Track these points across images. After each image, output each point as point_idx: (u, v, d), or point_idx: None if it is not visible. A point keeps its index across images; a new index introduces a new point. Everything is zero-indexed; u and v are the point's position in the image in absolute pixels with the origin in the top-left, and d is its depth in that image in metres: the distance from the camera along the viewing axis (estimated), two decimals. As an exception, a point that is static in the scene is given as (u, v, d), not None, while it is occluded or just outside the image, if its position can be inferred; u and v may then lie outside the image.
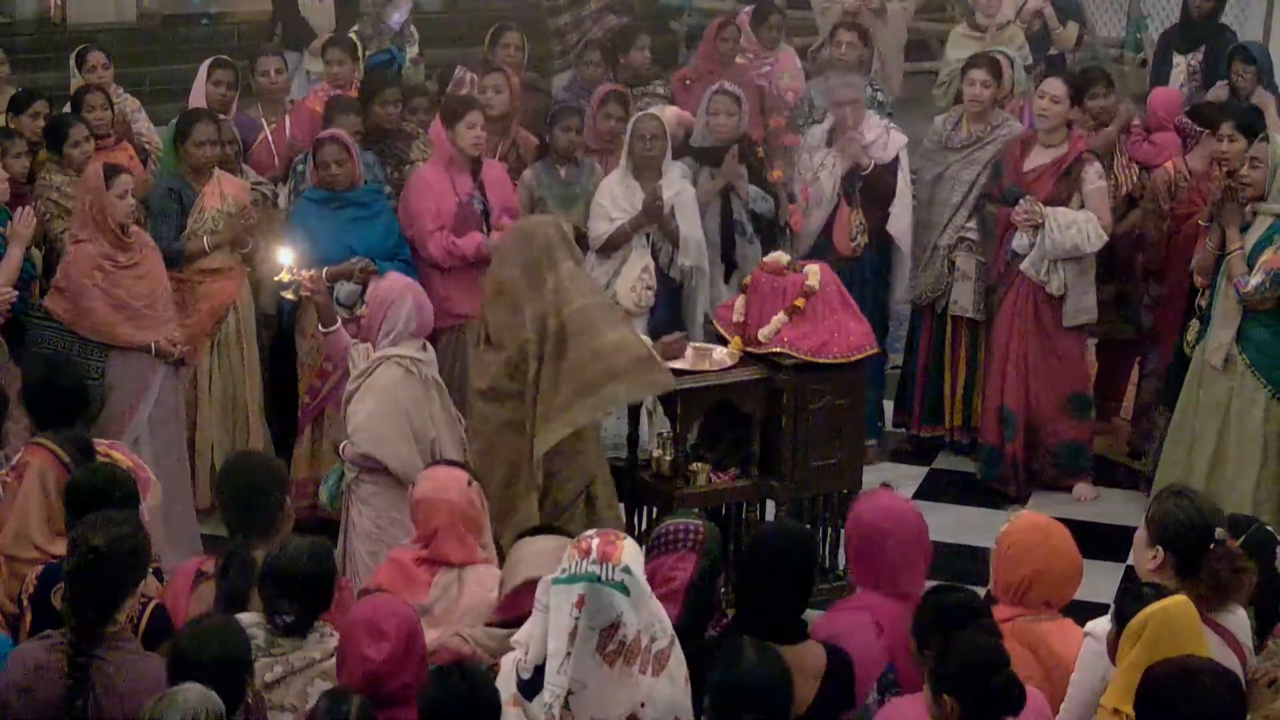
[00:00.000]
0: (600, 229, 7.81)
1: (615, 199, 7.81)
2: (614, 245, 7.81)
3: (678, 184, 7.84)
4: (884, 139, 8.12)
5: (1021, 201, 7.65)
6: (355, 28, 9.98)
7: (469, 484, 5.04)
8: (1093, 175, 7.68)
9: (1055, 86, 7.75)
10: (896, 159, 8.14)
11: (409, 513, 5.58)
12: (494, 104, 8.22)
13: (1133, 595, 4.22)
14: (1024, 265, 7.69)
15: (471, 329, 7.66)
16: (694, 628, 4.33)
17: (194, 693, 3.80)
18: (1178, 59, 9.77)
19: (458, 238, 7.55)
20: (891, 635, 4.54)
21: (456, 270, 7.59)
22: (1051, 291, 7.69)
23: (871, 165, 8.07)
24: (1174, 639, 4.02)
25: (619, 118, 8.26)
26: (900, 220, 8.14)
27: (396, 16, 9.86)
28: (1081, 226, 7.59)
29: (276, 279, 6.32)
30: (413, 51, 10.07)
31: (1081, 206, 7.66)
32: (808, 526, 6.46)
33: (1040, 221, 7.60)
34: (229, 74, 8.49)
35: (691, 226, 7.85)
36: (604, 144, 8.26)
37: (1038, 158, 7.78)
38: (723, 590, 6.55)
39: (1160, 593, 4.19)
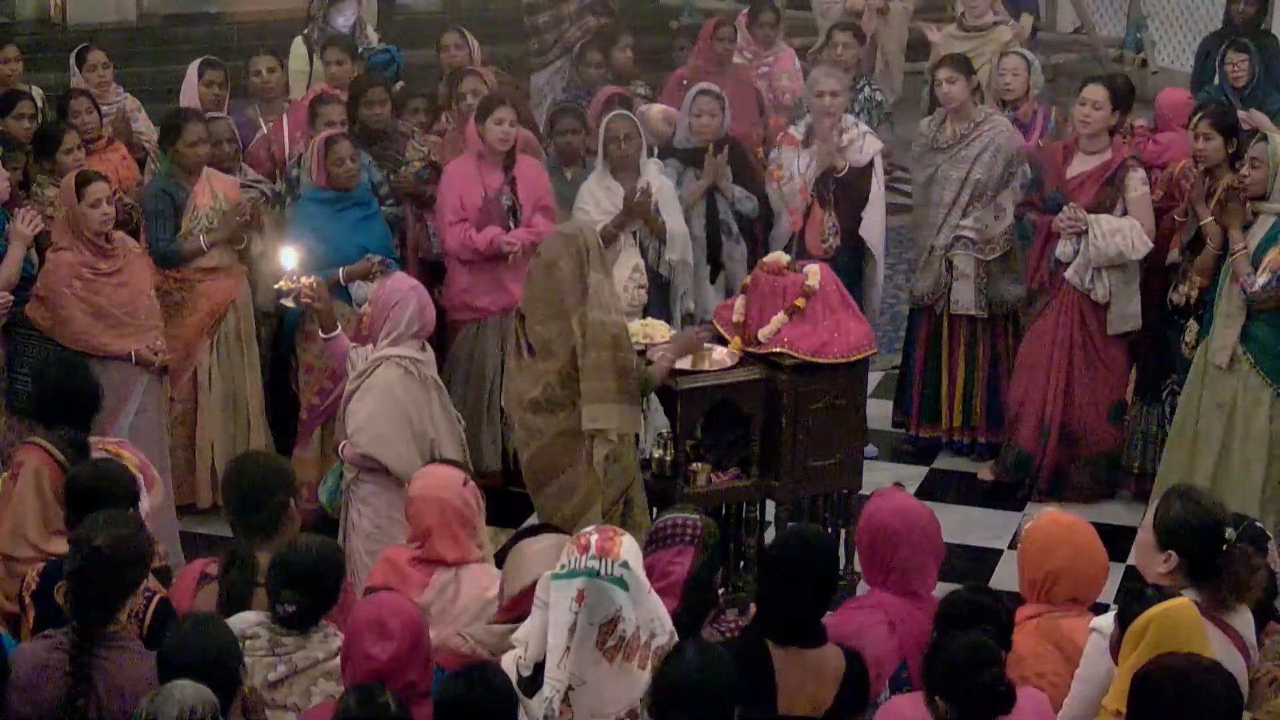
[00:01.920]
0: None
1: (598, 201, 7.80)
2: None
3: (656, 179, 7.83)
4: (860, 142, 8.10)
5: (1065, 208, 7.60)
6: (305, 30, 9.90)
7: (464, 484, 5.03)
8: (1136, 182, 7.58)
9: (1096, 93, 7.65)
10: (872, 163, 8.12)
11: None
12: (474, 106, 8.24)
13: (1135, 596, 4.22)
14: (1068, 273, 7.63)
15: (491, 324, 7.70)
16: (691, 622, 4.34)
17: (188, 689, 3.81)
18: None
19: (478, 231, 7.57)
20: (904, 634, 4.58)
21: (479, 264, 7.61)
22: (1096, 299, 7.62)
23: (846, 167, 8.05)
24: (1177, 641, 4.03)
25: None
26: (873, 225, 8.12)
27: (342, 20, 9.76)
28: (1126, 234, 7.50)
29: (277, 286, 6.31)
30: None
31: (1125, 213, 7.60)
32: (829, 531, 6.50)
33: (1084, 229, 7.55)
34: (219, 74, 8.49)
35: (675, 220, 7.85)
36: None
37: (1080, 164, 7.70)
38: (721, 590, 6.64)
39: (1163, 593, 4.20)
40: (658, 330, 6.76)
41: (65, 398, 5.59)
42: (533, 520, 6.20)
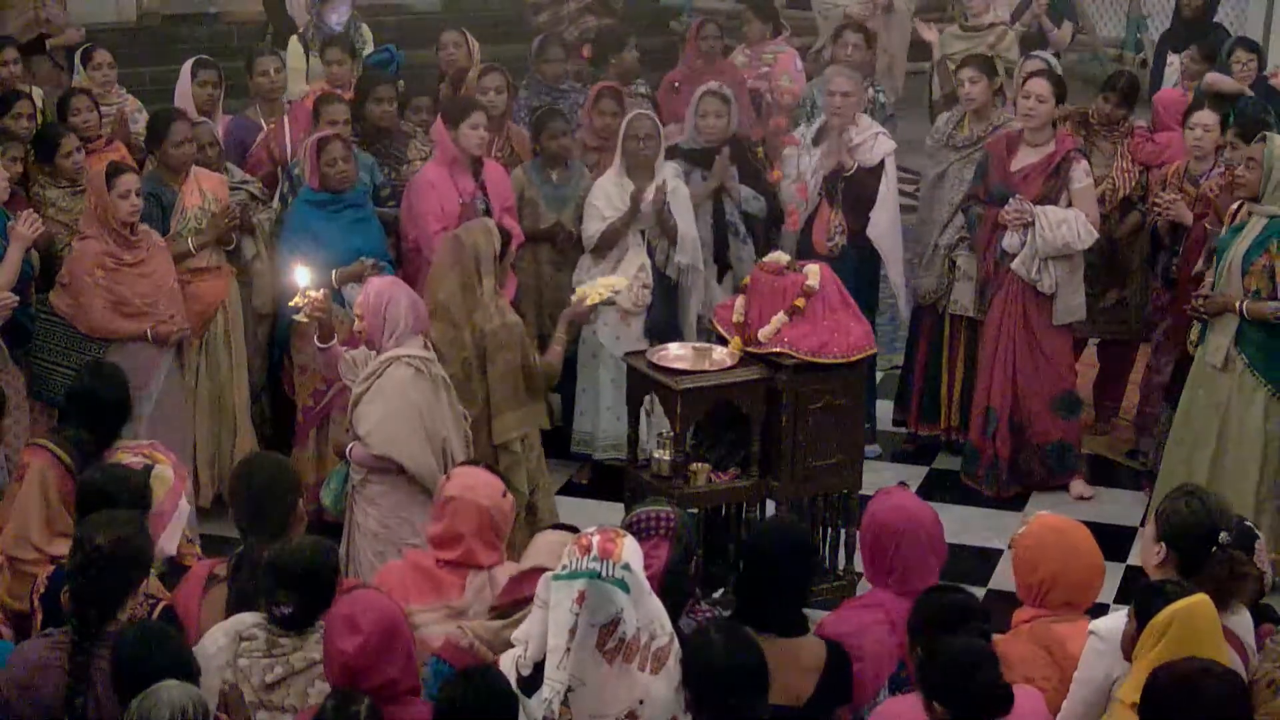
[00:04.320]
0: (593, 229, 7.84)
1: (609, 198, 7.84)
2: (608, 244, 7.84)
3: (671, 182, 7.86)
4: (871, 142, 8.09)
5: (1011, 200, 7.63)
6: (301, 30, 9.90)
7: (504, 494, 5.02)
8: (1080, 173, 7.65)
9: (1040, 86, 7.70)
10: (882, 164, 8.09)
11: (419, 511, 5.58)
12: (496, 104, 8.26)
13: (1156, 591, 4.22)
14: (1015, 264, 7.66)
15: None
16: (669, 613, 4.35)
17: (176, 689, 3.84)
18: (1171, 57, 9.80)
19: None
20: (904, 634, 4.57)
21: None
22: (1043, 290, 7.67)
23: (855, 167, 8.05)
24: (1197, 637, 4.05)
25: (614, 113, 8.30)
26: (881, 226, 8.10)
27: (335, 18, 9.77)
28: (1072, 224, 7.56)
29: (292, 304, 6.29)
30: (365, 51, 9.99)
31: (1070, 205, 7.65)
32: (804, 523, 6.50)
33: (1030, 220, 7.58)
34: (213, 74, 8.47)
35: (687, 224, 7.87)
36: (601, 141, 8.28)
37: (1025, 157, 7.74)
38: (721, 589, 6.64)
39: (1182, 589, 4.20)
40: (617, 281, 6.97)
41: (90, 403, 5.56)
42: None
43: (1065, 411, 7.95)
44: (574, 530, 4.77)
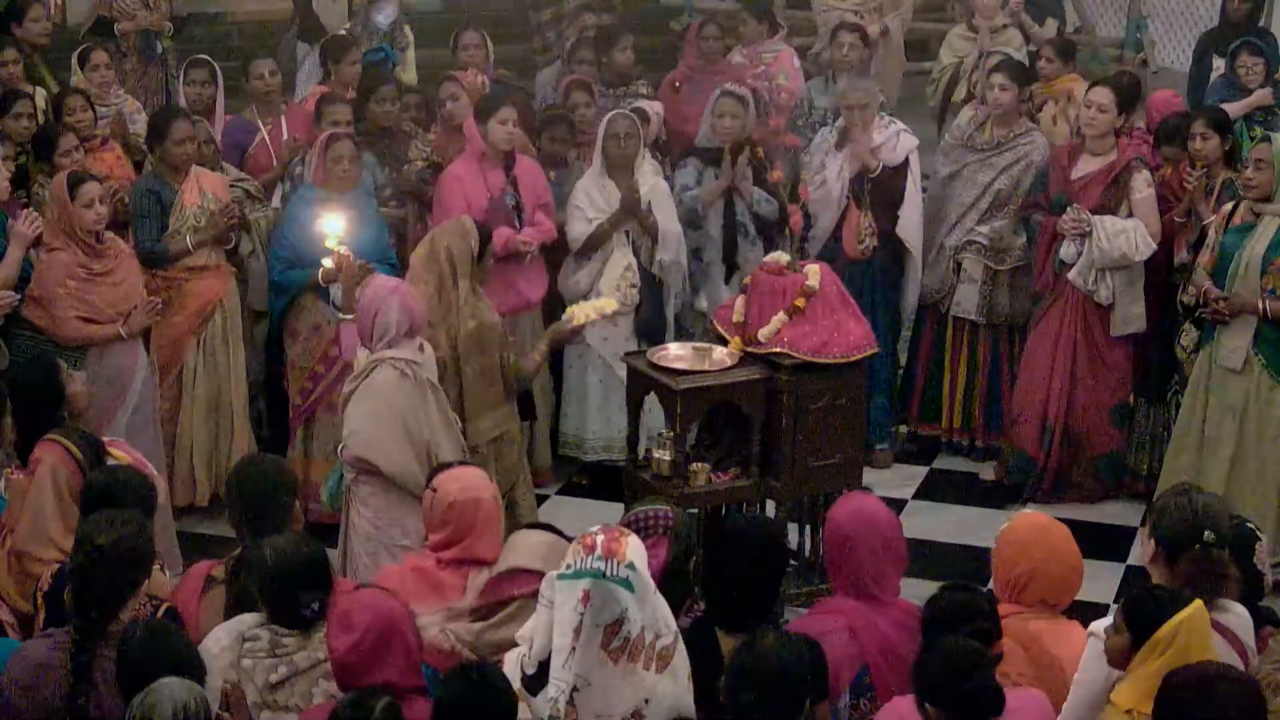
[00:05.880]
0: (578, 230, 7.86)
1: (592, 199, 7.87)
2: (594, 246, 7.86)
3: (651, 179, 7.90)
4: (893, 141, 8.06)
5: (1069, 209, 7.58)
6: (347, 25, 9.97)
7: (488, 480, 5.07)
8: (1141, 183, 7.55)
9: (1102, 95, 7.63)
10: (906, 161, 8.08)
11: (409, 512, 5.57)
12: (455, 113, 8.26)
13: (1147, 599, 4.20)
14: (1071, 274, 7.58)
15: (504, 325, 7.72)
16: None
17: (178, 686, 3.84)
18: (1217, 61, 9.73)
19: None
20: (865, 638, 4.58)
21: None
22: (1099, 301, 7.59)
23: (880, 168, 8.03)
24: (1201, 645, 4.06)
25: (586, 104, 8.39)
26: (910, 224, 8.10)
27: (381, 17, 9.85)
28: (1130, 235, 7.47)
29: (326, 244, 6.29)
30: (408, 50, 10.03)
31: (1130, 215, 7.57)
32: (776, 519, 6.49)
33: (1088, 230, 7.52)
34: (203, 72, 8.47)
35: (669, 221, 7.89)
36: (580, 135, 8.31)
37: (1085, 166, 7.68)
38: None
39: (1170, 593, 4.20)
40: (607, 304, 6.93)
41: (24, 400, 5.58)
42: None
43: (1120, 422, 7.87)
44: (551, 529, 4.79)
